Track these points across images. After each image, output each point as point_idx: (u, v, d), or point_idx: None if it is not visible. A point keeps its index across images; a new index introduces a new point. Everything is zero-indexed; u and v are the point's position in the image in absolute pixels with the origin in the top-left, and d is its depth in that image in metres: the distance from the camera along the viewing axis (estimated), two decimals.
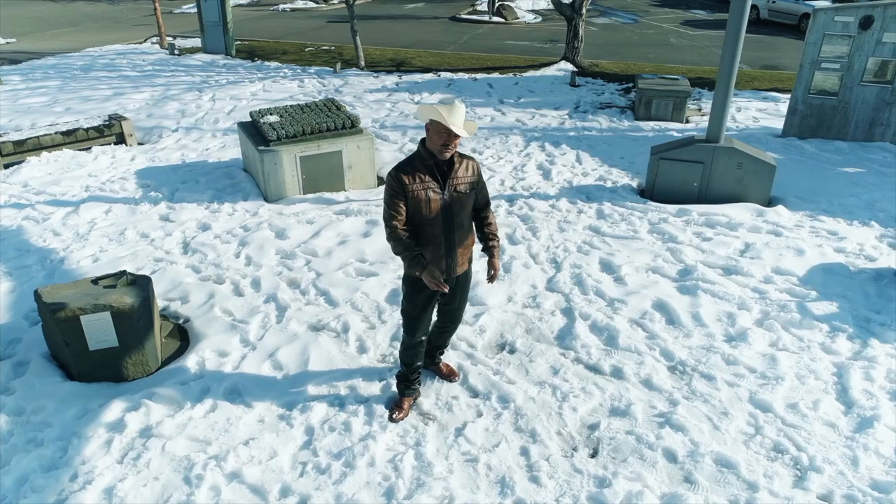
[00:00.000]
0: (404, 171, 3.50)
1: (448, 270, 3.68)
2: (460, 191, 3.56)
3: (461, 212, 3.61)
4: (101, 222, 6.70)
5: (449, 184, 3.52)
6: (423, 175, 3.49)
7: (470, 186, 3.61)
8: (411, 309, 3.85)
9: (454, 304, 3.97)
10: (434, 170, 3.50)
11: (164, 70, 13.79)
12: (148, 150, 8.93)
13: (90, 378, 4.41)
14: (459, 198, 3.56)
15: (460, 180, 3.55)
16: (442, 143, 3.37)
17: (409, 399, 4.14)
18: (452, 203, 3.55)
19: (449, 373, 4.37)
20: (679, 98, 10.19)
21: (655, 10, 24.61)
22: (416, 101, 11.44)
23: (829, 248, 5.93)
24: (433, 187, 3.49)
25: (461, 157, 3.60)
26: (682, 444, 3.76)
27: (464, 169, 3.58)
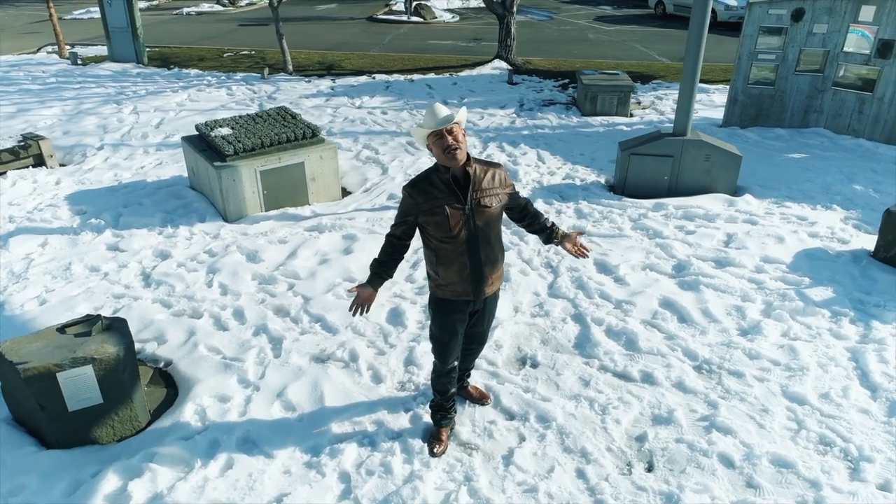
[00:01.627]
0: (418, 186, 3.23)
1: (475, 292, 3.38)
2: (486, 204, 3.23)
3: (487, 228, 3.27)
4: (38, 257, 5.92)
5: (472, 196, 3.21)
6: (439, 190, 3.19)
7: (498, 198, 3.29)
8: (442, 335, 3.55)
9: (482, 325, 3.69)
10: (451, 183, 3.19)
11: (70, 82, 12.57)
12: (73, 172, 8.05)
13: (72, 443, 3.82)
14: (485, 211, 3.23)
15: (485, 192, 3.24)
16: (444, 149, 3.09)
17: (446, 429, 3.84)
18: (476, 218, 3.22)
19: (480, 396, 4.11)
20: (623, 92, 10.36)
21: (566, 7, 25.21)
22: (358, 106, 11.03)
23: (804, 234, 6.13)
24: (453, 202, 3.18)
25: (485, 167, 3.29)
26: (736, 448, 3.70)
27: (489, 179, 3.27)
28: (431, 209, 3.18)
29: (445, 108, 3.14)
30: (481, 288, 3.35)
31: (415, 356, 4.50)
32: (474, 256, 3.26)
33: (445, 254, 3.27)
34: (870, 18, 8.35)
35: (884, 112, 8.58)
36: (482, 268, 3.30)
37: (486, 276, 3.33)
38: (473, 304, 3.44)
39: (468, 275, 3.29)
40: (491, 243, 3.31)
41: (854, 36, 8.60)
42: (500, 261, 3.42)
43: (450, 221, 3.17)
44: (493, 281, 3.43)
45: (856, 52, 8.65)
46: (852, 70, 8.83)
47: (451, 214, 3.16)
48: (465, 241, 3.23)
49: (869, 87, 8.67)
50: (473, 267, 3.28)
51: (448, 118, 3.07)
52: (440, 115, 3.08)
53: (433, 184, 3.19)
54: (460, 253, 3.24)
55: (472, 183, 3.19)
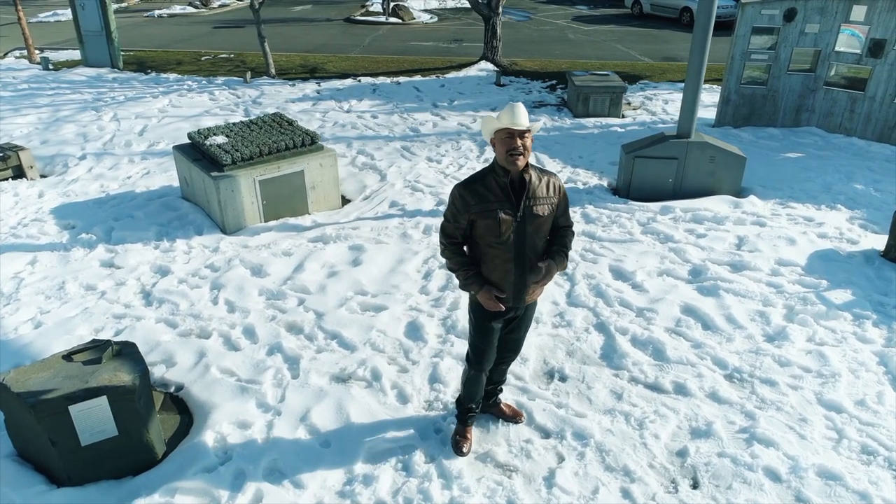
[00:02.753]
0: (471, 187, 3.13)
1: (516, 300, 3.31)
2: (538, 213, 3.14)
3: (536, 236, 3.19)
4: (28, 276, 5.61)
5: (525, 204, 3.11)
6: (494, 193, 3.10)
7: (550, 208, 3.19)
8: (481, 342, 3.48)
9: (518, 332, 3.62)
10: (508, 188, 3.10)
11: (43, 88, 12.09)
12: (57, 184, 7.70)
13: (85, 479, 3.58)
14: (536, 220, 3.15)
15: (539, 200, 3.14)
16: (508, 151, 3.00)
17: (470, 428, 3.82)
18: (527, 225, 3.14)
19: (513, 414, 3.97)
20: (615, 93, 10.33)
21: (543, 7, 25.24)
22: (347, 110, 10.81)
23: (813, 235, 6.12)
24: (506, 207, 3.09)
25: (542, 175, 3.21)
26: (780, 461, 3.62)
27: (544, 188, 3.18)
28: (483, 211, 3.09)
29: (526, 112, 3.04)
30: (522, 296, 3.29)
31: (439, 373, 4.35)
32: (520, 264, 3.19)
33: (493, 258, 3.20)
34: (861, 18, 8.42)
35: (875, 111, 8.67)
36: (526, 276, 3.22)
37: (527, 284, 3.25)
38: (514, 310, 3.39)
39: (512, 282, 3.22)
40: (537, 253, 3.23)
41: (845, 35, 8.67)
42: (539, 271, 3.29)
43: (501, 226, 3.09)
44: (535, 291, 3.37)
45: (847, 51, 8.73)
46: (844, 69, 8.91)
47: (503, 219, 3.08)
48: (514, 247, 3.15)
49: (860, 87, 8.75)
50: (518, 274, 3.20)
51: (526, 122, 3.00)
52: (520, 115, 2.99)
53: (488, 186, 3.11)
54: (506, 259, 3.17)
55: (528, 190, 3.10)
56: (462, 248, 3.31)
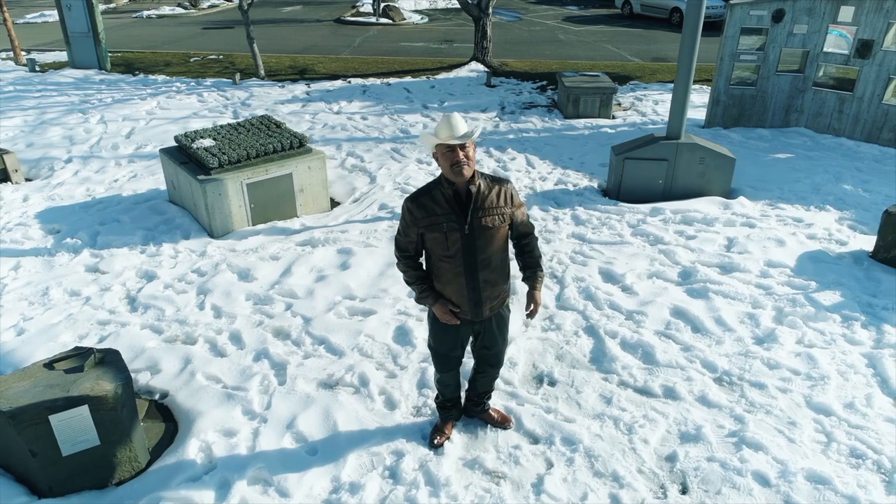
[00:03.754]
0: (418, 200, 3.07)
1: (473, 314, 3.25)
2: (487, 224, 3.05)
3: (488, 248, 3.10)
4: (12, 282, 5.53)
5: (473, 216, 3.03)
6: (440, 206, 3.02)
7: (501, 218, 3.09)
8: (438, 346, 3.49)
9: (492, 347, 3.51)
10: (453, 200, 3.02)
11: (29, 90, 11.97)
12: (42, 188, 7.61)
13: (66, 490, 3.53)
14: (486, 232, 3.06)
15: (488, 211, 3.05)
16: (452, 164, 2.92)
17: (451, 423, 3.84)
18: (476, 238, 3.05)
19: (502, 420, 3.93)
20: (605, 94, 10.32)
21: (534, 7, 25.25)
22: (336, 111, 10.76)
23: (802, 236, 6.13)
24: (452, 220, 3.02)
25: (492, 184, 3.11)
26: (769, 465, 3.60)
27: (493, 198, 3.08)
28: (430, 225, 3.04)
29: (463, 121, 2.95)
30: (480, 310, 3.23)
31: (427, 378, 4.31)
32: (472, 277, 3.12)
33: (444, 271, 3.16)
34: (849, 19, 8.45)
35: (863, 111, 8.70)
36: (480, 290, 3.16)
37: (484, 299, 3.19)
38: (473, 323, 3.34)
39: (465, 296, 3.17)
40: (492, 265, 3.14)
41: (833, 36, 8.70)
42: (502, 284, 3.26)
43: (447, 240, 3.03)
44: (494, 303, 3.29)
45: (835, 52, 8.75)
46: (832, 70, 8.94)
47: (450, 233, 3.01)
48: (464, 262, 3.08)
49: (849, 87, 8.78)
50: (471, 288, 3.14)
51: (466, 134, 2.90)
52: (458, 128, 2.90)
53: (435, 199, 3.04)
54: (457, 273, 3.12)
55: (475, 201, 3.02)
56: (416, 261, 3.26)
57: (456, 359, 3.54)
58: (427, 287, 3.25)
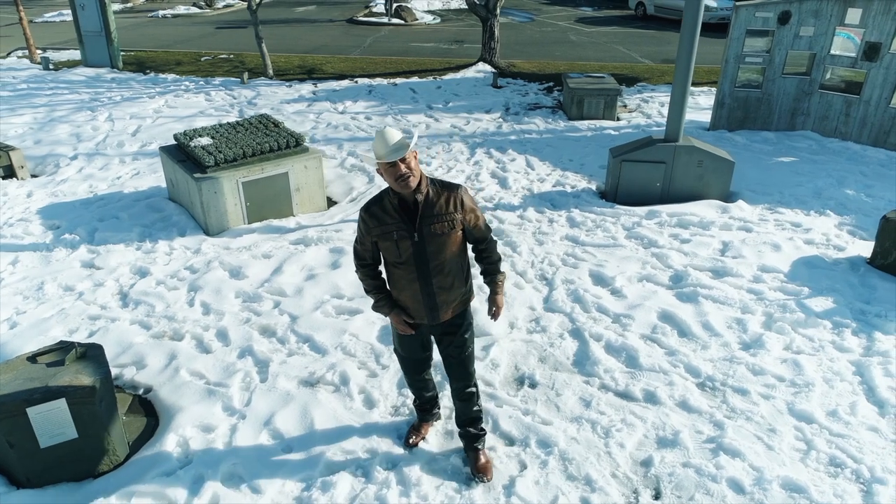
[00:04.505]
0: (370, 210, 3.10)
1: (430, 318, 3.25)
2: (436, 231, 3.04)
3: (440, 254, 3.09)
4: (9, 276, 5.63)
5: (421, 223, 3.02)
6: (390, 215, 3.03)
7: (450, 225, 3.06)
8: (402, 350, 3.52)
9: (458, 355, 3.40)
10: (400, 209, 3.02)
11: (41, 88, 12.18)
12: (46, 184, 7.73)
13: (44, 482, 3.58)
14: (436, 239, 3.04)
15: (437, 218, 3.03)
16: (395, 179, 2.92)
17: (427, 424, 3.84)
18: (427, 245, 3.05)
19: (481, 468, 3.55)
20: (610, 96, 10.26)
21: (547, 8, 25.15)
22: (341, 111, 10.81)
23: (799, 241, 6.05)
24: (401, 229, 3.02)
25: (441, 191, 3.08)
26: (745, 472, 3.56)
27: (442, 204, 3.05)
28: (382, 234, 3.06)
29: (397, 133, 2.94)
30: (436, 314, 3.23)
31: None
32: (426, 283, 3.12)
33: (398, 277, 3.18)
34: (856, 21, 8.32)
35: (871, 115, 8.56)
36: (434, 295, 3.16)
37: (439, 304, 3.19)
38: (433, 327, 3.32)
39: (420, 301, 3.17)
40: (445, 271, 3.13)
41: (840, 39, 8.57)
42: (458, 288, 3.23)
43: (398, 248, 3.04)
44: (449, 309, 3.26)
45: (842, 54, 8.62)
46: (839, 73, 8.81)
47: (400, 241, 3.02)
48: (416, 269, 3.09)
49: (855, 90, 8.65)
50: (426, 294, 3.15)
51: (401, 147, 2.87)
52: (391, 143, 2.87)
53: (384, 208, 3.05)
54: (411, 279, 3.12)
55: (422, 209, 3.01)
56: (375, 269, 3.27)
57: (421, 362, 3.54)
58: (383, 296, 3.27)
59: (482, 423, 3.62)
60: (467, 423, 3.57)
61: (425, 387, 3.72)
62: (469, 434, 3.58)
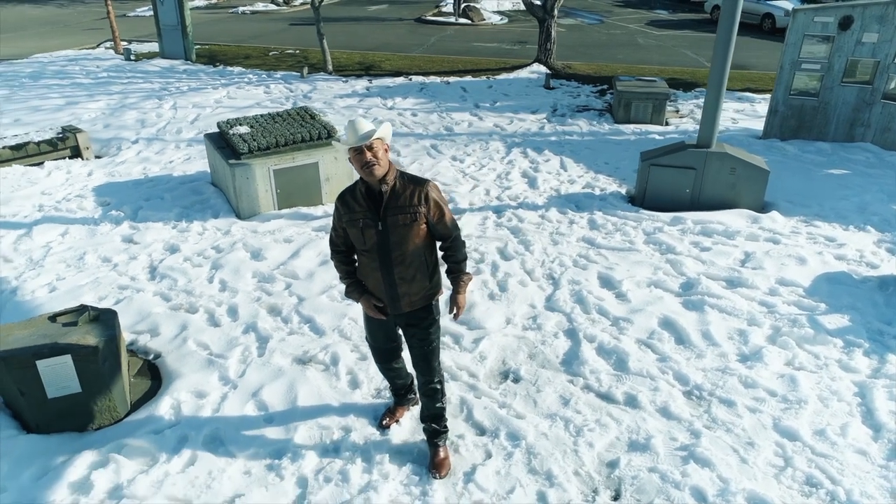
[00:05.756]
0: (342, 198, 3.24)
1: (392, 307, 3.35)
2: (399, 222, 3.13)
3: (402, 245, 3.17)
4: (57, 246, 6.15)
5: (385, 213, 3.12)
6: (359, 203, 3.16)
7: (412, 217, 3.14)
8: (370, 338, 3.67)
9: (419, 348, 3.46)
10: (367, 198, 3.14)
11: (120, 77, 13.09)
12: (106, 164, 8.35)
13: (50, 429, 3.93)
14: (398, 230, 3.14)
15: (401, 210, 3.12)
16: (361, 165, 3.03)
17: (403, 408, 3.97)
18: (390, 235, 3.15)
19: (436, 466, 3.58)
20: (658, 100, 10.04)
21: (619, 10, 24.69)
22: (390, 107, 11.06)
23: (829, 256, 5.77)
24: (367, 217, 3.14)
25: (408, 184, 3.17)
26: (711, 482, 3.49)
27: (407, 197, 3.14)
28: (350, 221, 3.19)
29: (368, 123, 3.07)
30: (397, 304, 3.33)
31: None
32: (388, 272, 3.23)
33: (363, 264, 3.32)
34: None
35: None
36: (396, 285, 3.26)
37: (400, 294, 3.29)
38: (397, 317, 3.42)
39: (383, 290, 3.29)
40: (407, 262, 3.22)
41: None
42: (420, 281, 3.30)
43: (363, 235, 3.17)
44: (411, 300, 3.34)
45: None
46: None
47: (365, 229, 3.15)
48: (379, 257, 3.20)
49: None
50: (388, 283, 3.26)
51: (367, 135, 2.99)
52: (360, 131, 3.01)
53: (354, 196, 3.18)
54: (374, 267, 3.25)
55: (387, 200, 3.12)
56: (348, 256, 3.40)
57: (387, 351, 3.65)
58: (353, 282, 3.42)
59: (445, 420, 3.68)
60: (429, 418, 3.63)
61: (397, 375, 3.84)
62: (431, 429, 3.64)
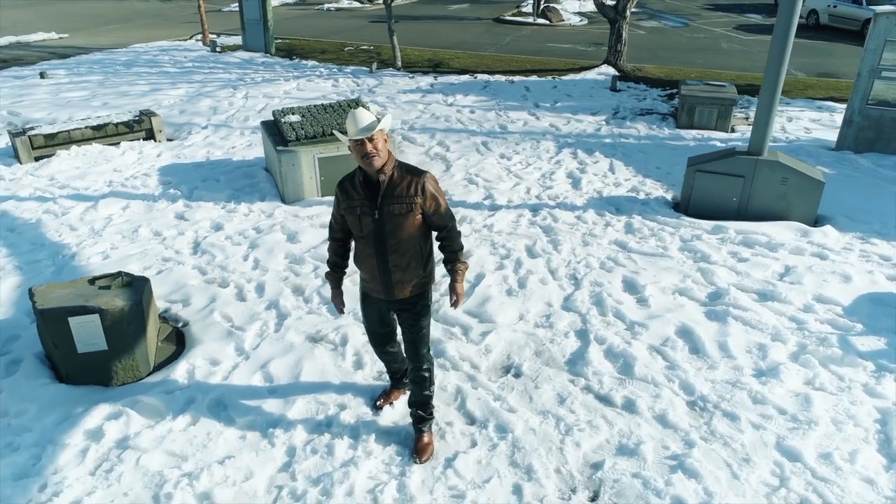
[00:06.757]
0: (342, 185, 3.36)
1: (386, 294, 3.43)
2: (394, 211, 3.21)
3: (397, 233, 3.25)
4: (117, 219, 6.65)
5: (382, 202, 3.20)
6: (357, 191, 3.25)
7: (408, 207, 3.21)
8: (365, 322, 3.80)
9: (409, 333, 3.53)
10: (365, 187, 3.23)
11: (202, 67, 13.90)
12: (175, 147, 8.92)
13: (78, 381, 4.29)
14: (394, 219, 3.22)
15: (397, 199, 3.20)
16: (361, 156, 3.12)
17: (398, 391, 4.07)
18: (385, 224, 3.23)
19: (418, 451, 3.65)
20: (724, 106, 9.63)
21: (708, 13, 23.74)
22: (450, 103, 11.18)
23: (880, 276, 5.39)
24: (364, 205, 3.23)
25: (406, 174, 3.24)
26: (695, 494, 3.38)
27: (404, 188, 3.21)
28: (348, 208, 3.29)
29: (369, 114, 3.14)
30: (391, 290, 3.40)
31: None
32: (382, 260, 3.31)
33: (359, 251, 3.41)
34: None
35: None
36: (390, 272, 3.33)
37: (394, 281, 3.36)
38: (390, 303, 3.48)
39: (377, 276, 3.37)
40: (401, 251, 3.29)
41: None
42: (414, 269, 3.36)
43: (360, 223, 3.26)
44: (405, 287, 3.41)
45: None
46: None
47: (362, 217, 3.24)
48: (374, 244, 3.28)
49: None
50: (382, 270, 3.33)
51: (369, 127, 3.07)
52: (361, 123, 3.09)
53: (354, 184, 3.28)
54: (369, 254, 3.33)
55: (384, 189, 3.19)
56: (344, 245, 3.54)
57: (381, 336, 3.74)
58: (333, 273, 3.62)
59: (431, 407, 3.73)
60: (416, 404, 3.69)
61: (392, 359, 3.93)
62: (416, 415, 3.70)
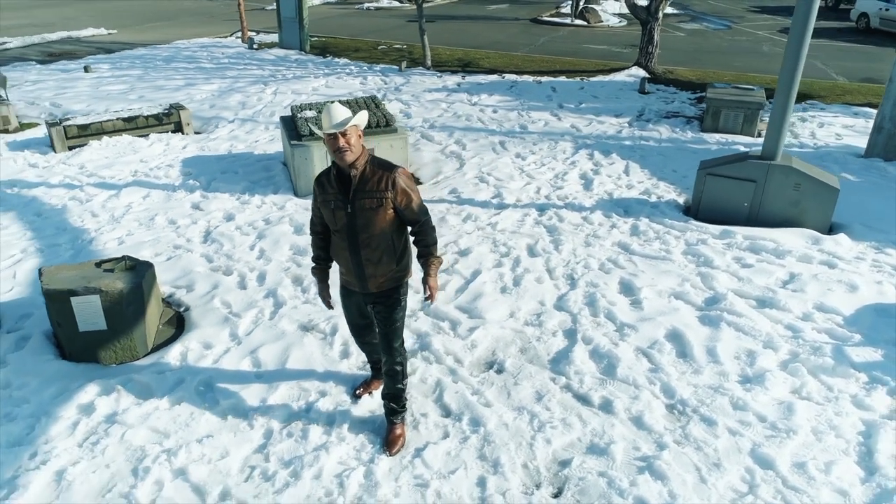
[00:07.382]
0: (319, 179, 3.44)
1: (360, 287, 3.51)
2: (366, 206, 3.26)
3: (369, 228, 3.30)
4: (136, 207, 6.93)
5: (354, 197, 3.27)
6: (331, 186, 3.33)
7: (379, 202, 3.26)
8: (344, 313, 3.86)
9: (381, 326, 3.59)
10: (338, 181, 3.30)
11: (238, 63, 14.28)
12: (200, 140, 9.21)
13: (79, 358, 4.51)
14: (365, 213, 3.28)
15: (368, 194, 3.26)
16: (334, 150, 3.18)
17: (378, 381, 4.12)
18: (357, 218, 3.29)
19: (389, 443, 3.71)
20: (750, 110, 9.41)
21: (752, 16, 23.15)
22: (473, 103, 11.23)
23: (889, 286, 5.22)
24: (338, 199, 3.31)
25: (377, 170, 3.29)
26: (658, 496, 3.36)
27: (375, 182, 3.26)
28: (323, 202, 3.38)
29: (344, 109, 3.20)
30: (365, 283, 3.47)
31: None
32: (355, 253, 3.37)
33: (335, 244, 3.49)
34: None
35: None
36: (363, 266, 3.40)
37: (367, 275, 3.43)
38: (365, 296, 3.55)
39: (351, 269, 3.45)
40: (373, 245, 3.35)
41: None
42: (387, 263, 3.42)
43: (334, 216, 3.34)
44: (378, 281, 3.47)
45: None
46: None
47: (336, 210, 3.32)
48: (347, 238, 3.35)
49: None
50: (355, 263, 3.40)
51: (342, 122, 3.14)
52: (335, 118, 3.16)
53: (329, 179, 3.36)
54: (343, 247, 3.40)
55: (356, 184, 3.26)
56: (324, 239, 3.59)
57: (360, 327, 3.83)
58: (318, 266, 3.68)
59: (404, 400, 3.78)
60: (388, 396, 3.75)
61: (372, 350, 4.02)
62: (389, 407, 3.76)
